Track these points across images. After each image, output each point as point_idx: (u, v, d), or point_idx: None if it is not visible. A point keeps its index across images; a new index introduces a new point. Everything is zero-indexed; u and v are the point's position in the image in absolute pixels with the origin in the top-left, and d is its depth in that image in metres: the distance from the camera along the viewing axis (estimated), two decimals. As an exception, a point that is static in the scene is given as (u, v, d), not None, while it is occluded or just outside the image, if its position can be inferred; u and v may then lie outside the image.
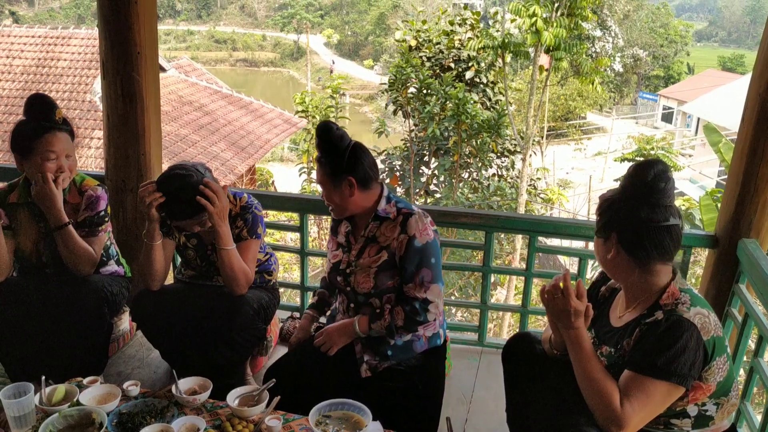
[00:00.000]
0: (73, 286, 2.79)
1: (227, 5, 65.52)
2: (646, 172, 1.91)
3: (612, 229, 1.96)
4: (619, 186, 2.00)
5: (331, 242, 2.71)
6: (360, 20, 55.72)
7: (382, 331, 2.46)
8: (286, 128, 16.54)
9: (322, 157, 2.45)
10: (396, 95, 12.56)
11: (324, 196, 2.51)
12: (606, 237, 1.98)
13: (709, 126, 7.41)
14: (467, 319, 11.21)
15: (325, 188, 2.48)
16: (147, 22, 3.23)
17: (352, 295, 2.56)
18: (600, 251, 2.03)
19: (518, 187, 12.13)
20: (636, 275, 1.97)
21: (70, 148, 2.79)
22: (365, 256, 2.51)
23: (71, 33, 14.50)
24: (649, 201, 1.91)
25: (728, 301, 2.95)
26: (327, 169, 2.44)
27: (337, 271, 2.60)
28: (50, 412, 2.13)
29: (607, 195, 2.02)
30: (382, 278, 2.48)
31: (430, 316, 2.45)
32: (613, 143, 27.97)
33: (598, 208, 2.03)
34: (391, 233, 2.47)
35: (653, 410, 1.84)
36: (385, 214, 2.49)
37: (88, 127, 12.39)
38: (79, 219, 2.84)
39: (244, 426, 2.14)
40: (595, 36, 31.26)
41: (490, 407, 2.98)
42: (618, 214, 1.95)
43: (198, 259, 2.88)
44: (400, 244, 2.44)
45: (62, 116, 2.77)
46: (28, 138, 2.70)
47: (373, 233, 2.51)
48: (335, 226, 2.70)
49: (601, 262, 2.07)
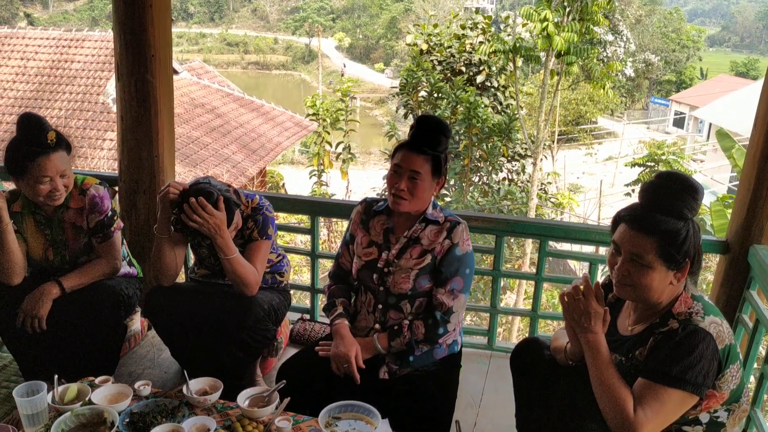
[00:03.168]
0: (90, 289, 2.80)
1: (240, 8, 65.80)
2: (698, 193, 1.88)
3: (688, 257, 1.88)
4: (675, 209, 1.87)
5: (360, 237, 2.64)
6: (371, 24, 55.78)
7: (403, 347, 2.46)
8: (297, 131, 16.58)
9: (431, 149, 2.43)
10: (407, 99, 12.59)
11: (404, 184, 2.42)
12: (678, 267, 1.88)
13: (721, 131, 7.37)
14: (477, 323, 11.19)
15: (415, 176, 2.42)
16: (161, 25, 3.25)
17: (383, 296, 2.53)
18: (657, 281, 1.88)
19: (528, 192, 12.11)
20: (668, 293, 1.92)
21: (65, 167, 2.71)
22: (407, 256, 2.50)
23: (85, 35, 14.60)
24: (695, 220, 1.91)
25: (739, 307, 2.93)
26: (433, 161, 2.43)
27: (372, 268, 2.56)
28: (62, 410, 2.15)
29: (671, 226, 1.85)
30: (420, 281, 2.48)
31: (450, 327, 2.46)
32: (624, 148, 27.84)
33: (666, 241, 1.85)
34: (436, 237, 2.48)
35: (666, 418, 1.83)
36: (433, 218, 2.51)
37: (101, 129, 12.46)
38: (91, 225, 2.84)
39: (254, 427, 2.14)
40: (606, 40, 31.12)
41: (499, 411, 2.98)
42: (694, 241, 1.88)
43: (212, 257, 2.88)
44: (442, 249, 2.47)
45: (54, 138, 2.67)
46: (21, 161, 2.66)
47: (416, 235, 2.51)
48: (367, 221, 2.65)
49: (649, 291, 1.90)
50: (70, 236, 2.86)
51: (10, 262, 2.74)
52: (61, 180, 2.71)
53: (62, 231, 2.85)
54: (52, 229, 2.84)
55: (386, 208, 2.61)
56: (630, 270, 1.90)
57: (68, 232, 2.86)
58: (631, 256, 1.89)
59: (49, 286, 2.72)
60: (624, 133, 29.78)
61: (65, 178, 2.73)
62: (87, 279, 2.81)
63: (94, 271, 2.84)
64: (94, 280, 2.82)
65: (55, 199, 2.72)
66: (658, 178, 1.95)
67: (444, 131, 2.47)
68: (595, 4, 11.55)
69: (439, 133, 2.45)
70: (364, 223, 2.66)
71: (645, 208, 1.91)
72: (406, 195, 2.43)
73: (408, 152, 2.43)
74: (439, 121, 2.49)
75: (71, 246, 2.87)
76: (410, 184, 2.43)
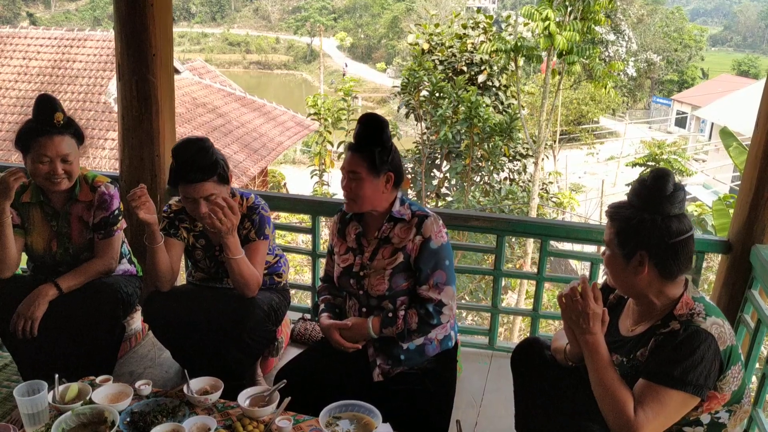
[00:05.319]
0: (89, 288, 2.80)
1: (241, 8, 65.86)
2: (665, 185, 1.88)
3: (640, 248, 1.89)
4: (635, 202, 1.92)
5: (338, 246, 2.67)
6: (373, 23, 55.77)
7: (394, 335, 2.45)
8: (298, 131, 16.57)
9: (364, 145, 2.41)
10: (408, 98, 12.58)
11: (348, 186, 2.44)
12: (631, 256, 1.91)
13: (725, 130, 7.33)
14: (478, 322, 11.19)
15: (355, 177, 2.42)
16: (162, 25, 3.25)
17: (365, 299, 2.54)
18: (620, 270, 1.94)
19: (530, 191, 12.10)
20: (655, 289, 1.93)
21: (68, 151, 2.70)
22: (379, 257, 2.50)
23: (87, 35, 14.60)
24: (673, 213, 1.88)
25: (741, 307, 2.93)
26: (368, 158, 2.40)
27: (349, 274, 2.57)
28: (63, 410, 2.15)
29: (625, 214, 1.92)
30: (396, 280, 2.47)
31: (444, 318, 2.45)
32: (626, 148, 27.81)
33: (620, 229, 1.92)
34: (406, 235, 2.46)
35: (667, 419, 1.83)
36: (400, 216, 2.49)
37: (102, 129, 12.46)
38: (96, 221, 2.85)
39: (255, 426, 2.14)
40: (608, 40, 31.12)
41: (500, 411, 2.97)
42: (651, 232, 1.87)
43: (207, 260, 2.88)
44: (414, 246, 2.44)
45: (61, 119, 2.67)
46: (24, 138, 2.68)
47: (386, 234, 2.50)
48: (343, 229, 2.66)
49: (621, 281, 1.98)
50: (75, 230, 2.87)
51: (4, 256, 2.75)
52: (62, 164, 2.70)
53: (68, 223, 2.86)
54: (59, 221, 2.85)
55: (356, 214, 2.60)
56: (605, 255, 2.01)
57: (74, 225, 2.87)
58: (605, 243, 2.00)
59: (46, 288, 2.72)
60: (626, 133, 29.77)
61: (67, 163, 2.71)
62: (84, 278, 2.81)
63: (90, 270, 2.84)
64: (91, 279, 2.82)
65: (54, 183, 2.71)
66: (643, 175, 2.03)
67: (376, 125, 2.43)
68: (597, 3, 11.52)
69: (371, 128, 2.43)
70: (340, 231, 2.68)
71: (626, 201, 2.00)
72: (350, 195, 2.45)
73: (348, 153, 2.45)
74: (371, 118, 2.47)
75: (75, 240, 2.88)
76: (353, 184, 2.43)
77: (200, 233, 2.85)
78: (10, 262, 2.79)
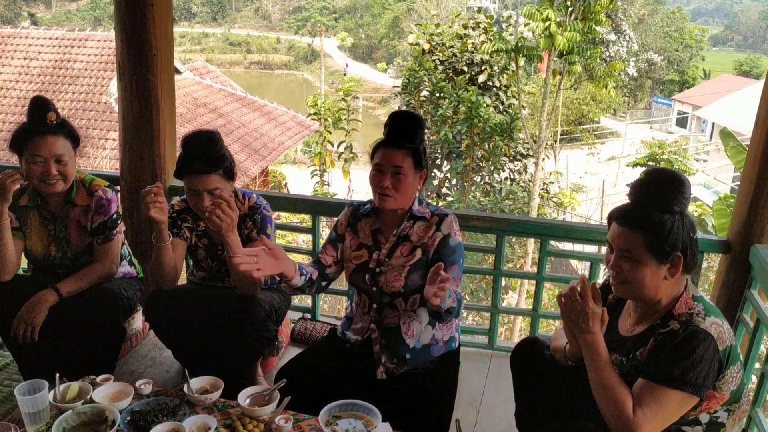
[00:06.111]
0: (90, 293, 2.78)
1: (242, 8, 65.88)
2: (680, 181, 1.89)
3: (676, 250, 1.87)
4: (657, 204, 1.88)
5: (349, 239, 2.64)
6: (374, 23, 55.79)
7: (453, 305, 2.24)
8: (299, 131, 16.57)
9: (409, 142, 2.42)
10: (409, 98, 12.60)
11: (389, 181, 2.40)
12: (665, 260, 1.87)
13: (725, 131, 7.33)
14: (478, 322, 11.19)
15: (399, 172, 2.40)
16: (162, 25, 3.26)
17: (378, 295, 2.53)
18: (651, 277, 1.88)
19: (530, 191, 12.12)
20: (665, 290, 1.92)
21: (63, 152, 2.68)
22: (397, 254, 2.50)
23: (88, 35, 14.61)
24: (688, 214, 1.91)
25: (740, 307, 2.93)
26: (413, 155, 2.42)
27: (364, 270, 2.55)
28: (64, 409, 2.15)
29: (656, 218, 1.86)
30: (413, 278, 2.47)
31: (461, 310, 2.40)
32: (626, 148, 27.80)
33: (652, 235, 1.86)
34: (425, 233, 2.48)
35: (666, 419, 1.83)
36: (420, 214, 2.52)
37: (103, 129, 12.47)
38: (94, 225, 2.83)
39: (255, 425, 2.15)
40: (609, 40, 31.09)
41: (500, 411, 2.98)
42: (681, 231, 1.86)
43: (209, 259, 2.89)
44: (433, 242, 2.46)
45: (54, 119, 2.64)
46: (18, 140, 2.66)
47: (406, 232, 2.51)
48: (354, 224, 2.65)
49: (647, 288, 1.90)
50: (73, 233, 2.86)
51: (3, 259, 2.74)
52: (56, 165, 2.67)
53: (65, 227, 2.85)
54: (56, 224, 2.84)
55: (373, 210, 2.60)
56: (622, 266, 1.91)
57: (72, 229, 2.85)
58: (622, 252, 1.91)
59: (47, 293, 2.71)
60: (626, 133, 29.76)
61: (62, 164, 2.69)
62: (84, 283, 2.80)
63: (91, 275, 2.82)
64: (91, 284, 2.81)
65: (49, 185, 2.69)
66: (646, 175, 1.97)
67: (418, 123, 2.46)
68: (598, 3, 11.55)
69: (414, 125, 2.44)
70: (351, 225, 2.66)
71: (633, 204, 1.93)
72: (391, 192, 2.42)
73: (387, 149, 2.43)
74: (412, 115, 2.50)
75: (74, 243, 2.87)
76: (394, 180, 2.42)
77: (203, 233, 2.85)
78: (10, 266, 2.77)
